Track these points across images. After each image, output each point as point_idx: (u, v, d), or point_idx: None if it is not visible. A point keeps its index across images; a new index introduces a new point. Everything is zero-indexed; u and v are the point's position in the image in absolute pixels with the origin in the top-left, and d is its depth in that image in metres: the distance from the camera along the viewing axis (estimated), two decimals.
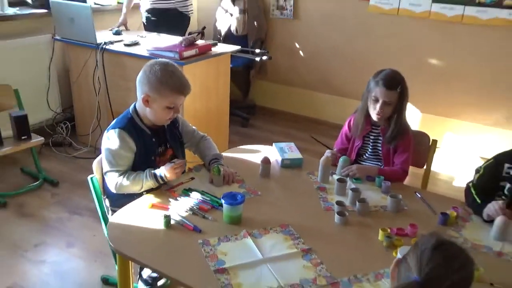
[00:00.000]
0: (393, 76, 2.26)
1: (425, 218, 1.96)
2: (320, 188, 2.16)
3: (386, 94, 2.22)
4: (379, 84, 2.24)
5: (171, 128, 2.23)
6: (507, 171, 2.04)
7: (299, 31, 4.78)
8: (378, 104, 2.24)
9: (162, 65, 2.05)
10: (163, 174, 2.00)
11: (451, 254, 1.06)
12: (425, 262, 1.03)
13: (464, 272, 1.05)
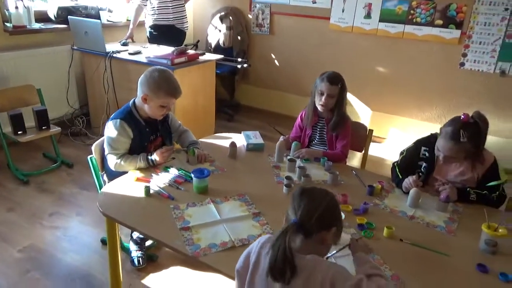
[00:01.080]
0: (335, 75, 2.29)
1: (357, 190, 2.00)
2: (276, 166, 2.19)
3: (329, 88, 2.24)
4: (324, 80, 2.27)
5: (163, 121, 2.25)
6: (423, 153, 2.07)
7: (274, 44, 4.78)
8: (323, 97, 2.27)
9: (161, 72, 2.08)
10: (154, 158, 2.03)
11: (313, 194, 1.13)
12: (297, 206, 1.08)
13: (325, 202, 1.11)
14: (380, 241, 1.60)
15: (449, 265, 1.49)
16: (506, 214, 1.63)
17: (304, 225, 1.10)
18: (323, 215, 1.10)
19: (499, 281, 1.41)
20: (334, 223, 1.14)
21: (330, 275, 1.02)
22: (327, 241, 1.14)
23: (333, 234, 1.14)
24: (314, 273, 1.04)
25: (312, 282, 1.03)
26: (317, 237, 1.12)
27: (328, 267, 1.04)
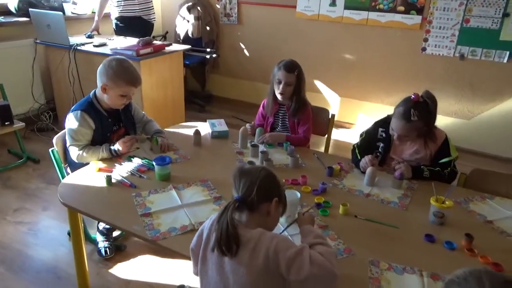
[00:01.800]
0: (291, 62, 2.33)
1: (317, 171, 2.06)
2: (239, 152, 2.23)
3: (286, 76, 2.29)
4: (280, 68, 2.31)
5: (126, 112, 2.25)
6: (381, 133, 2.15)
7: (243, 34, 4.79)
8: (281, 85, 2.31)
9: (118, 61, 2.07)
10: (116, 148, 2.03)
11: (250, 172, 1.20)
12: (238, 185, 1.15)
13: (262, 176, 1.18)
14: (336, 218, 1.67)
15: (399, 236, 1.57)
16: (452, 188, 1.72)
17: (246, 200, 1.15)
18: (262, 188, 1.17)
19: (444, 249, 1.50)
20: (274, 194, 1.21)
21: (273, 245, 1.08)
22: (271, 213, 1.20)
23: (276, 205, 1.21)
24: (259, 244, 1.09)
25: (257, 253, 1.08)
26: (261, 210, 1.18)
27: (272, 238, 1.10)
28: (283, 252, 1.07)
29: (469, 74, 3.72)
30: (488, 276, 0.76)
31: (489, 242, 1.55)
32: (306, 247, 1.11)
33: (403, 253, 1.47)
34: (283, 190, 1.26)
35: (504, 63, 3.54)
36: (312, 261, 1.06)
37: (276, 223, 1.30)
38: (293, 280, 1.07)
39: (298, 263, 1.06)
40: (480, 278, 0.76)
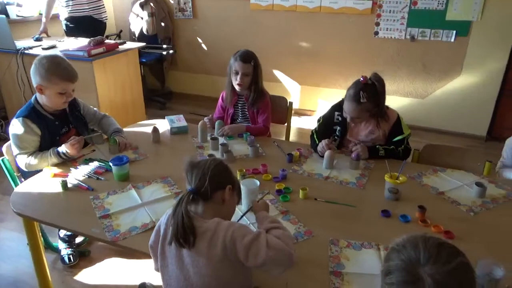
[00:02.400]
0: (247, 53, 2.34)
1: (278, 159, 2.08)
2: (199, 146, 2.22)
3: (243, 67, 2.29)
4: (237, 59, 2.31)
5: (73, 111, 2.17)
6: (337, 117, 2.20)
7: (199, 28, 4.74)
8: (238, 76, 2.32)
9: (49, 58, 1.98)
10: (64, 151, 1.96)
11: (200, 163, 1.23)
12: (190, 178, 1.17)
13: (213, 166, 1.21)
14: (296, 202, 1.70)
15: (357, 215, 1.62)
16: (404, 164, 1.78)
17: (200, 190, 1.16)
18: (214, 177, 1.18)
19: (400, 222, 1.56)
20: (227, 182, 1.22)
21: (230, 233, 1.09)
22: (226, 200, 1.22)
23: (230, 192, 1.22)
24: (216, 234, 1.10)
25: (215, 242, 1.09)
26: (216, 199, 1.20)
27: (228, 226, 1.11)
28: (240, 240, 1.08)
29: (421, 55, 3.86)
30: (423, 241, 0.81)
31: (441, 212, 1.63)
32: (262, 232, 1.13)
33: (361, 230, 1.52)
34: (235, 178, 1.28)
35: (451, 42, 3.70)
36: (269, 245, 1.08)
37: (233, 211, 1.31)
38: (252, 265, 1.09)
39: (255, 248, 1.08)
40: (417, 244, 0.80)
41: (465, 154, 2.14)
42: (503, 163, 2.05)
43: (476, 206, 1.68)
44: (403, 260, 0.80)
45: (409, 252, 0.80)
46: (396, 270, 0.80)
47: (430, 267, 0.77)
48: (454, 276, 0.76)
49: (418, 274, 0.77)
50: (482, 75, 3.73)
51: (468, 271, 0.78)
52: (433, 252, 0.78)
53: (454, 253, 0.79)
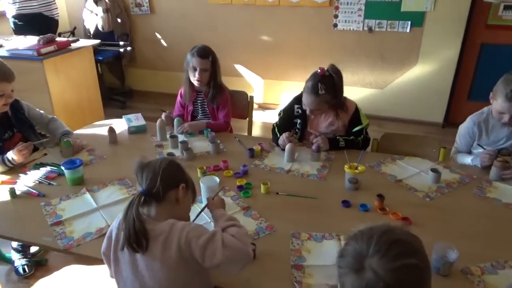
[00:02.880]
0: (204, 48, 2.29)
1: (239, 154, 2.06)
2: (158, 145, 2.16)
3: (200, 63, 2.25)
4: (194, 55, 2.26)
5: (16, 114, 2.04)
6: (297, 110, 2.21)
7: (158, 24, 4.62)
8: (196, 72, 2.27)
9: None
10: (10, 158, 1.84)
11: (150, 164, 1.18)
12: (141, 179, 1.16)
13: (164, 165, 1.17)
14: (258, 197, 1.68)
15: (318, 206, 1.63)
16: (362, 153, 1.81)
17: (151, 191, 1.12)
18: (166, 176, 1.14)
19: (359, 212, 1.59)
20: (180, 180, 1.19)
21: (184, 235, 1.06)
22: (180, 199, 1.18)
23: (184, 191, 1.19)
24: (170, 236, 1.07)
25: (169, 245, 1.05)
26: (170, 198, 1.16)
27: (183, 228, 1.08)
28: (195, 240, 1.05)
29: (379, 46, 3.94)
30: (380, 234, 0.79)
31: (399, 199, 1.66)
32: (218, 231, 1.10)
33: (322, 222, 1.53)
34: (189, 176, 1.25)
35: (407, 33, 3.80)
36: (225, 245, 1.06)
37: (189, 210, 1.28)
38: (209, 265, 1.06)
39: (211, 249, 1.05)
40: (372, 236, 0.80)
41: (421, 141, 2.20)
42: (456, 149, 2.12)
43: (432, 191, 1.73)
44: (355, 248, 0.80)
45: (363, 241, 0.80)
46: (348, 255, 0.81)
47: (376, 261, 0.76)
48: (397, 275, 0.75)
49: (363, 264, 0.77)
50: (437, 64, 3.86)
51: (415, 274, 0.77)
52: (383, 247, 0.77)
53: (406, 253, 0.77)
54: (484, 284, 1.22)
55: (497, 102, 1.85)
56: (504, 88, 1.80)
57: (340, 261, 0.82)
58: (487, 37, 3.74)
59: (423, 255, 0.80)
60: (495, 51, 3.77)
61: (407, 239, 0.80)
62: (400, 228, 0.83)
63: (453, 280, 1.24)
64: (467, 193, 1.73)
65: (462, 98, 4.01)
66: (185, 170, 1.25)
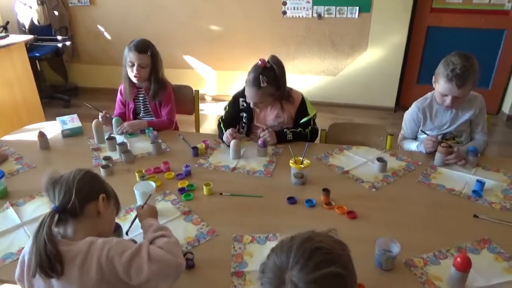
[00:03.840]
0: (143, 42, 2.15)
1: (183, 154, 1.96)
2: (95, 148, 2.02)
3: (138, 58, 2.11)
4: (131, 50, 2.12)
5: None
6: (242, 103, 2.13)
7: (99, 16, 4.37)
8: (134, 68, 2.13)
9: None
10: None
11: (62, 178, 1.08)
12: (53, 196, 1.06)
13: (78, 177, 1.07)
14: (200, 200, 1.60)
15: (263, 205, 1.57)
16: (306, 146, 1.76)
17: (66, 207, 1.02)
18: (82, 188, 1.05)
19: (305, 208, 1.54)
20: (98, 191, 1.10)
21: (105, 252, 0.96)
22: (102, 211, 1.09)
23: (105, 202, 1.10)
24: (89, 256, 0.97)
25: (88, 266, 0.95)
26: (89, 212, 1.06)
27: (103, 245, 0.98)
28: (118, 258, 0.96)
29: (328, 33, 3.93)
30: (299, 245, 0.76)
31: (346, 191, 1.64)
32: (144, 245, 1.01)
33: (267, 222, 1.47)
34: (108, 185, 1.15)
35: (355, 18, 3.80)
36: (151, 258, 0.98)
37: (112, 222, 1.18)
38: (136, 283, 0.98)
39: (136, 265, 0.97)
40: (291, 247, 0.76)
41: (369, 129, 2.19)
42: (403, 135, 2.13)
43: (378, 181, 1.72)
44: (275, 262, 0.76)
45: (283, 253, 0.76)
46: (268, 270, 0.76)
47: (296, 273, 0.72)
48: (317, 286, 0.71)
49: (283, 278, 0.73)
50: (387, 49, 3.90)
51: (336, 283, 0.73)
52: (302, 258, 0.73)
53: (326, 261, 0.74)
54: (426, 276, 1.21)
55: (439, 84, 1.86)
56: (445, 69, 1.81)
57: (262, 278, 0.77)
58: (433, 20, 3.82)
59: (345, 261, 0.77)
60: (440, 34, 3.85)
61: (328, 246, 0.77)
62: (323, 235, 0.80)
63: (396, 274, 1.23)
64: (412, 180, 1.73)
65: (411, 82, 4.09)
66: (103, 180, 1.14)
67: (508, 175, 1.75)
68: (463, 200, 1.59)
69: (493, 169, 1.80)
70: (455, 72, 1.77)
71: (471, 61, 1.79)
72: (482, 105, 1.98)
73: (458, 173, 1.77)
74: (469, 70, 1.77)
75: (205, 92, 4.51)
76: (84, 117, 2.30)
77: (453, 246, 1.32)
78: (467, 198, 1.60)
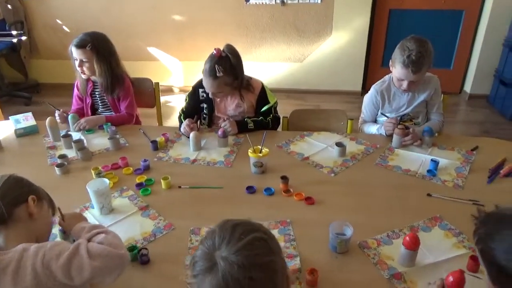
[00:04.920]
0: (83, 37, 2.07)
1: (143, 148, 1.93)
2: (50, 147, 1.96)
3: (78, 53, 2.05)
4: (73, 45, 2.06)
5: None
6: (202, 94, 2.10)
7: (57, 9, 4.21)
8: (77, 63, 2.08)
9: None
10: None
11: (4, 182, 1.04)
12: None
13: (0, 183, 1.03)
14: (158, 194, 1.58)
15: (223, 196, 1.57)
16: (264, 136, 1.76)
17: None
18: (6, 193, 1.01)
19: (264, 196, 1.55)
20: (27, 193, 1.06)
21: (40, 258, 0.93)
22: (35, 213, 1.05)
23: (36, 203, 1.06)
24: (22, 264, 0.93)
25: (22, 274, 0.92)
26: (19, 217, 1.03)
27: (37, 250, 0.95)
28: (55, 261, 0.93)
29: (293, 19, 3.92)
30: (220, 226, 0.80)
31: (305, 178, 1.65)
32: (81, 243, 0.98)
33: (225, 212, 1.47)
34: (38, 186, 1.12)
35: (318, 4, 3.80)
36: (92, 255, 0.95)
37: (49, 223, 1.14)
38: (80, 283, 0.95)
39: (76, 264, 0.94)
40: (214, 230, 0.80)
41: (330, 115, 2.21)
42: (363, 119, 2.16)
43: (337, 166, 1.74)
44: (203, 250, 0.77)
45: (208, 240, 0.78)
46: (198, 259, 0.77)
47: (224, 250, 0.75)
48: (246, 252, 0.74)
49: (214, 259, 0.74)
50: (351, 33, 3.93)
51: (262, 245, 0.77)
52: (226, 234, 0.76)
53: (248, 230, 0.78)
54: (379, 256, 1.24)
55: (396, 69, 1.89)
56: (401, 55, 1.83)
57: (193, 270, 0.77)
58: (395, 3, 3.87)
59: (264, 229, 0.82)
60: (402, 16, 3.91)
61: (245, 221, 0.82)
62: (239, 219, 0.83)
63: (350, 256, 1.25)
64: (370, 163, 1.76)
65: (376, 65, 4.14)
66: (30, 182, 1.10)
67: (461, 153, 1.81)
68: (418, 180, 1.63)
69: (449, 148, 1.85)
70: (411, 58, 1.79)
71: (426, 46, 1.82)
72: (437, 85, 2.02)
73: (415, 153, 1.81)
74: (424, 56, 1.80)
75: (173, 84, 4.44)
76: (47, 115, 2.21)
77: (406, 226, 1.36)
78: (422, 177, 1.64)
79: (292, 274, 1.17)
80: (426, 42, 1.84)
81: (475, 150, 1.83)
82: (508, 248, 0.81)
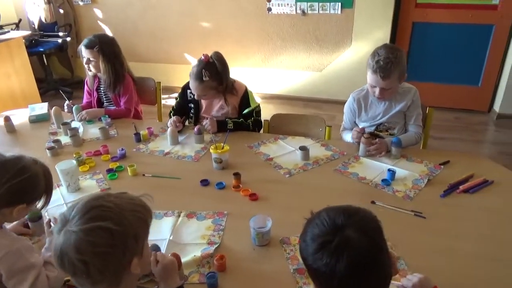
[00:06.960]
0: (91, 39, 2.30)
1: (128, 139, 2.10)
2: (52, 133, 2.21)
3: (86, 53, 2.29)
4: (82, 46, 2.29)
5: None
6: (189, 95, 2.24)
7: (101, 14, 4.61)
8: (85, 61, 2.31)
9: None
10: None
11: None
12: None
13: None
14: (123, 179, 1.74)
15: (178, 186, 1.69)
16: (227, 135, 1.86)
17: None
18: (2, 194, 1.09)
19: (215, 189, 1.64)
20: (21, 200, 1.13)
21: None
22: (13, 214, 1.13)
23: (21, 209, 1.14)
24: None
25: None
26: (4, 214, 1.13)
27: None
28: (5, 262, 1.05)
29: (313, 29, 3.96)
30: (82, 203, 0.84)
31: (260, 176, 1.72)
32: (37, 267, 1.08)
33: (176, 200, 1.58)
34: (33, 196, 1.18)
35: (339, 14, 3.81)
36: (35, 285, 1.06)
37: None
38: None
39: (19, 278, 1.05)
40: (76, 204, 0.84)
41: (309, 120, 2.25)
42: (343, 126, 2.17)
43: (296, 168, 1.78)
44: (61, 217, 0.85)
45: (69, 209, 0.84)
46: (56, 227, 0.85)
47: (73, 223, 0.81)
48: (88, 236, 0.79)
49: (65, 227, 0.82)
50: (371, 45, 3.87)
51: (105, 237, 0.80)
52: (82, 211, 0.82)
53: (101, 216, 0.81)
54: (294, 252, 1.28)
55: (367, 75, 1.90)
56: (371, 61, 1.85)
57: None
58: (418, 16, 3.77)
59: (121, 220, 0.83)
60: (426, 29, 3.79)
61: (112, 205, 0.84)
62: (123, 197, 0.89)
63: (267, 249, 1.30)
64: (329, 169, 1.78)
65: None
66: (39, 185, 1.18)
67: (428, 166, 1.77)
68: (369, 188, 1.63)
69: (417, 160, 1.82)
70: (379, 64, 1.80)
71: (396, 53, 1.82)
72: (415, 97, 1.99)
73: (378, 163, 1.80)
74: (393, 62, 1.80)
75: None
76: None
77: None
78: (374, 186, 1.64)
79: (204, 259, 1.25)
80: (398, 50, 1.84)
81: (444, 164, 1.78)
82: (306, 242, 0.84)
